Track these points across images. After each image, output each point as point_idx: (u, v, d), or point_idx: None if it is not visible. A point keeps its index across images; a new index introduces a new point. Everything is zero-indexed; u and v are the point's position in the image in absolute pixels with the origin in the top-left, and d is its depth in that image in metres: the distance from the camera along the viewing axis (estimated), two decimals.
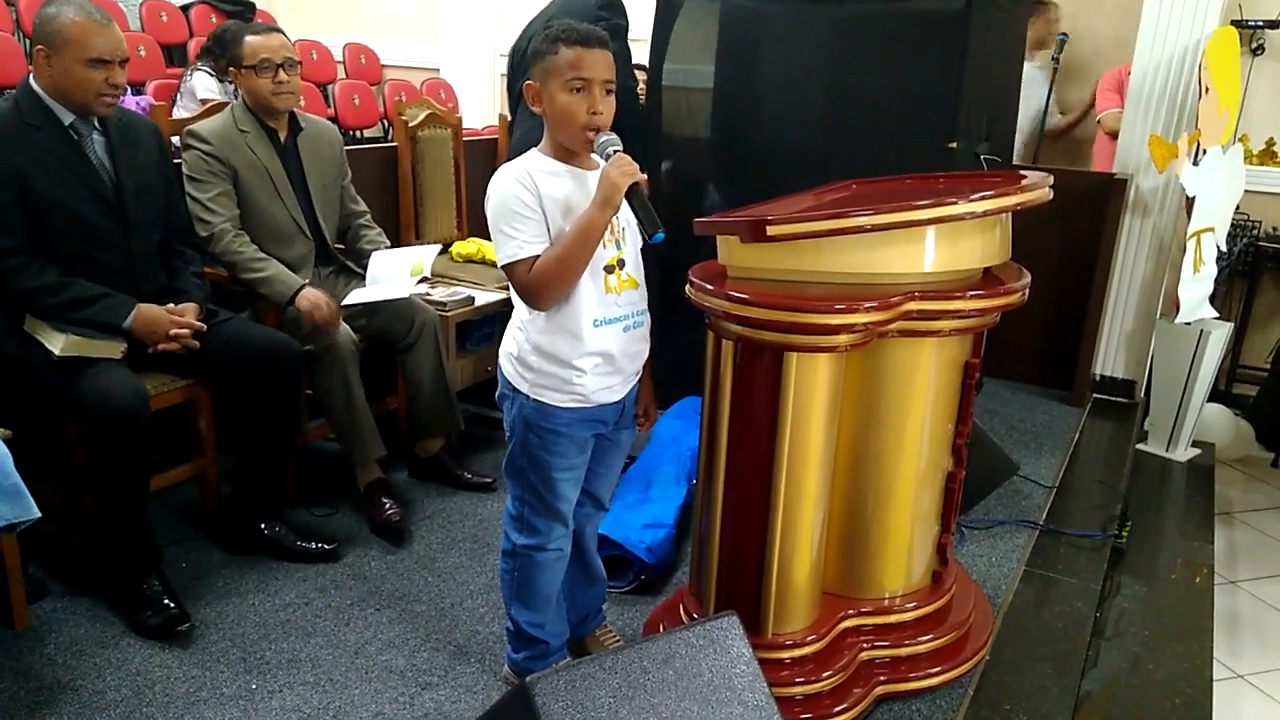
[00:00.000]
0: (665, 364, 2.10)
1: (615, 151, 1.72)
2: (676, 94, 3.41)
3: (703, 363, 1.97)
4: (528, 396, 1.84)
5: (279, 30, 2.78)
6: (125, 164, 2.34)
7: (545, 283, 1.72)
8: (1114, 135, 4.57)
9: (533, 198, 1.72)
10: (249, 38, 2.68)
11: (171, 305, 2.37)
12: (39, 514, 1.88)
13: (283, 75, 2.68)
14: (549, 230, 1.74)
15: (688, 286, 1.93)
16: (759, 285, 1.83)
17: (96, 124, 2.32)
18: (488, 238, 3.63)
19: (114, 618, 2.26)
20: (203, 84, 4.73)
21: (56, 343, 2.19)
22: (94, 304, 2.26)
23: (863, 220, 1.75)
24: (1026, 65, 4.51)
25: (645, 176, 1.72)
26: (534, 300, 1.75)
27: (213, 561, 2.53)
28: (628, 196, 1.70)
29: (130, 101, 4.34)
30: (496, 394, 1.93)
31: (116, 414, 2.15)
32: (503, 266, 1.76)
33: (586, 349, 1.79)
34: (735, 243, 1.87)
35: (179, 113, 4.29)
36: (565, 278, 1.73)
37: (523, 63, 3.20)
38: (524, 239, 1.71)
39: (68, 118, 2.25)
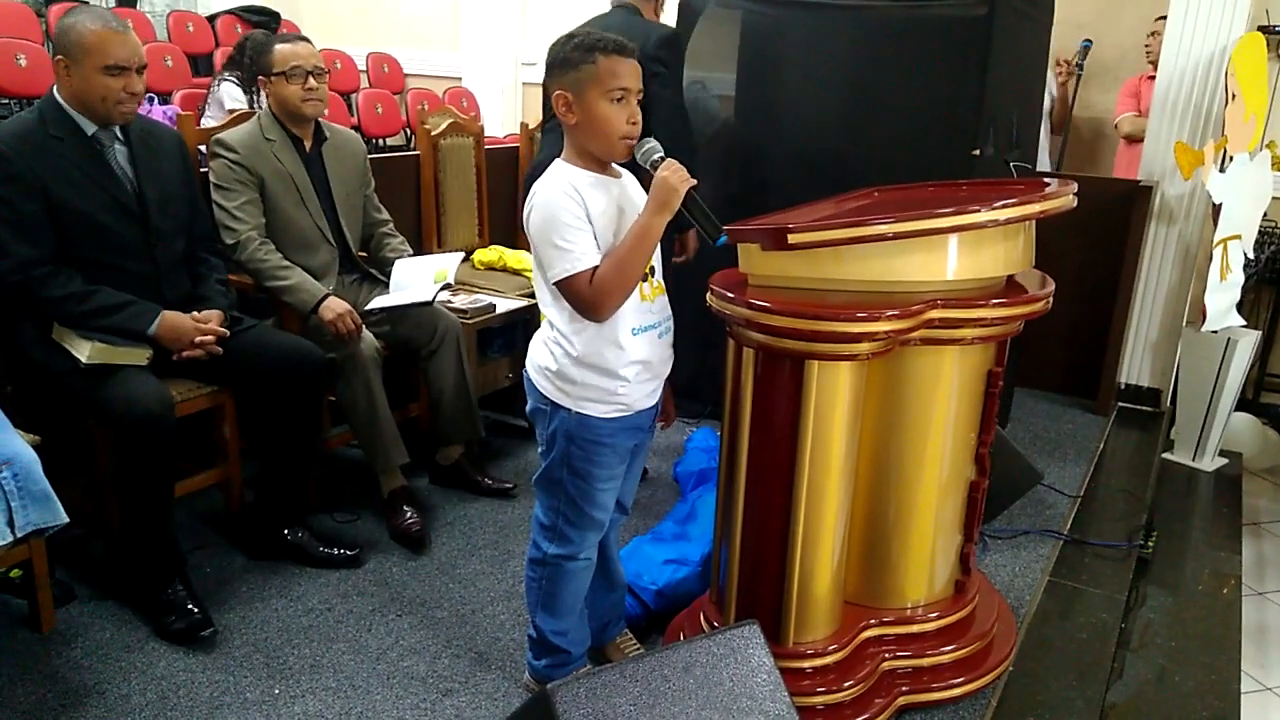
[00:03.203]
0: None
1: (662, 158, 1.73)
2: (695, 102, 3.42)
3: (723, 371, 1.97)
4: (569, 410, 1.82)
5: (307, 40, 2.81)
6: (148, 173, 2.37)
7: (608, 293, 1.71)
8: (1130, 139, 4.57)
9: (582, 210, 1.71)
10: (279, 45, 2.71)
11: (196, 313, 2.39)
12: (66, 519, 1.90)
13: (312, 82, 2.71)
14: (597, 241, 1.73)
15: (709, 295, 1.93)
16: (780, 293, 1.83)
17: (119, 134, 2.34)
18: (510, 246, 3.69)
19: (139, 622, 2.28)
20: (230, 94, 4.77)
21: (83, 351, 2.22)
22: (119, 311, 2.29)
23: (884, 228, 1.74)
24: None
25: (695, 181, 1.72)
26: (594, 312, 1.73)
27: (236, 567, 2.55)
28: (685, 203, 1.71)
29: (157, 111, 4.40)
30: (527, 409, 1.92)
31: (142, 420, 2.17)
32: (558, 282, 1.72)
33: (630, 358, 1.79)
34: (756, 251, 1.86)
35: (207, 122, 4.34)
36: (626, 286, 1.72)
37: None
38: (580, 252, 1.70)
39: (90, 128, 2.28)
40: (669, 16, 3.42)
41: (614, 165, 1.82)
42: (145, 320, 2.30)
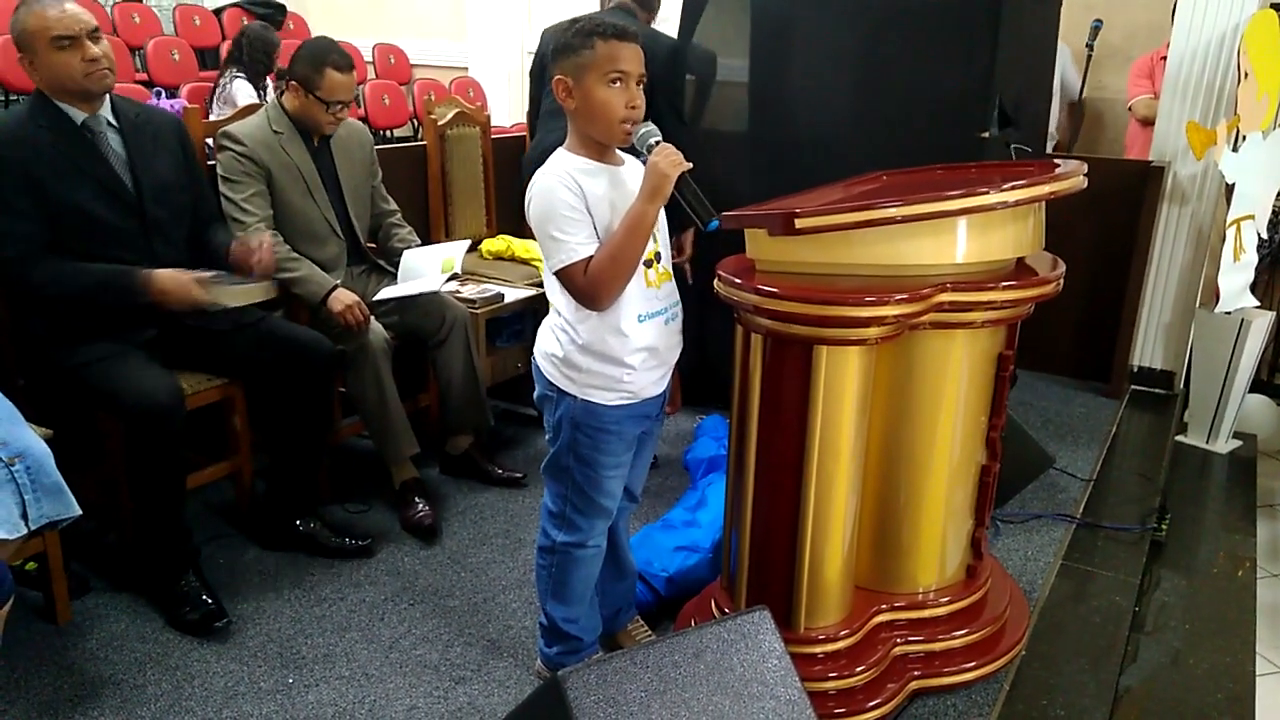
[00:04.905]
0: None
1: (657, 143, 1.71)
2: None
3: (731, 357, 1.97)
4: (575, 397, 1.82)
5: (354, 68, 2.76)
6: (144, 162, 2.34)
7: (603, 282, 1.70)
8: (1145, 122, 4.52)
9: (578, 199, 1.71)
10: (333, 72, 2.66)
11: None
12: (80, 511, 1.91)
13: (344, 111, 2.74)
14: (596, 230, 1.73)
15: (716, 280, 1.92)
16: (788, 279, 1.82)
17: (111, 119, 2.32)
18: (517, 235, 3.68)
19: (153, 613, 2.30)
20: (244, 91, 4.79)
21: (236, 298, 2.36)
22: (107, 287, 2.25)
23: (892, 211, 1.73)
24: None
25: (691, 165, 1.71)
26: (593, 301, 1.73)
27: (249, 558, 2.56)
28: (677, 186, 1.69)
29: (164, 105, 4.40)
30: (535, 395, 1.92)
31: (152, 412, 2.18)
32: (556, 272, 1.73)
33: (634, 345, 1.79)
34: (763, 236, 1.85)
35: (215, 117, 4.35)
36: (622, 274, 1.71)
37: (544, 70, 3.24)
38: (576, 242, 1.69)
39: (79, 117, 2.25)
40: (675, 4, 3.41)
41: (617, 152, 1.81)
42: (133, 287, 2.24)
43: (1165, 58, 4.00)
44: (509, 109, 6.49)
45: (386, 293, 2.81)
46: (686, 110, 3.35)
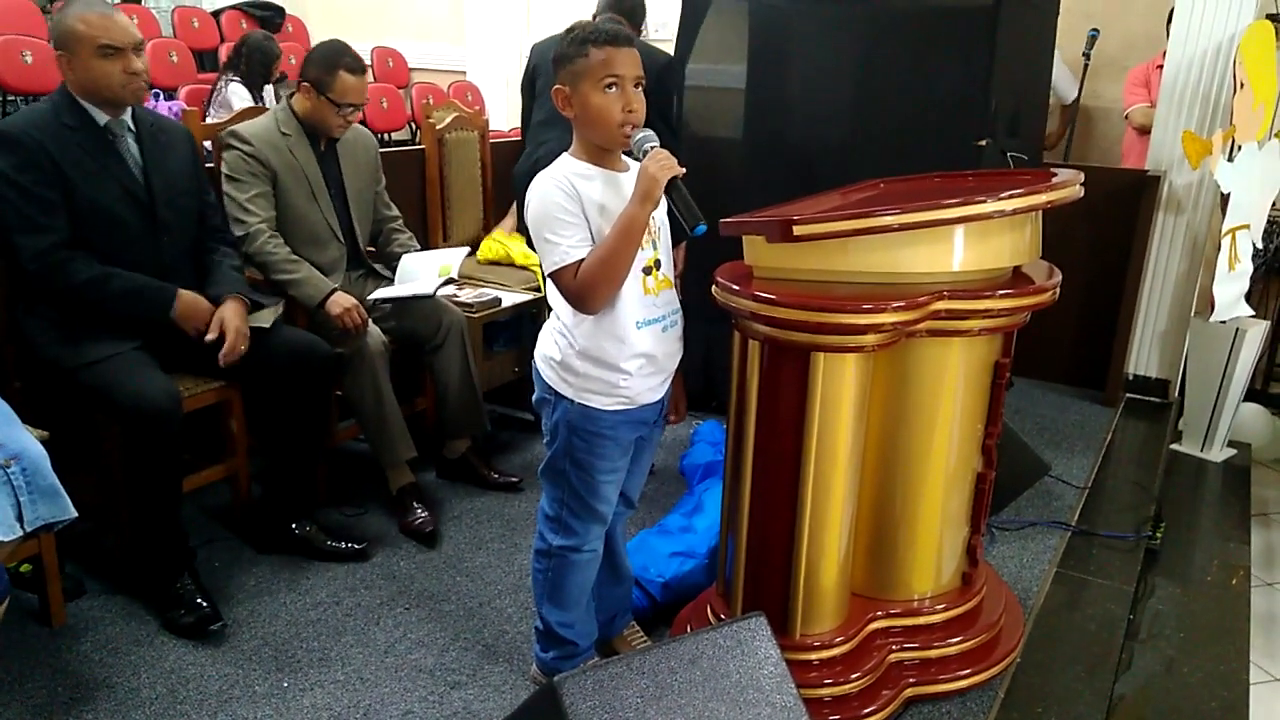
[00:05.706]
0: None
1: (652, 147, 1.72)
2: (701, 94, 3.41)
3: (728, 364, 1.97)
4: (572, 401, 1.83)
5: (367, 69, 2.79)
6: (156, 166, 2.37)
7: (593, 285, 1.71)
8: (1141, 130, 4.53)
9: (574, 202, 1.71)
10: (345, 74, 2.69)
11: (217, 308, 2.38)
12: (75, 514, 1.90)
13: (355, 114, 2.76)
14: (592, 234, 1.73)
15: (713, 287, 1.92)
16: (785, 285, 1.83)
17: (130, 124, 2.35)
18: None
19: (149, 616, 2.29)
20: (239, 94, 4.80)
21: (267, 319, 2.46)
22: (138, 296, 2.31)
23: (889, 219, 1.74)
24: None
25: (684, 170, 1.71)
26: (584, 304, 1.74)
27: (244, 561, 2.56)
28: (667, 190, 1.70)
29: (162, 107, 4.41)
30: (534, 399, 1.93)
31: (149, 414, 2.18)
32: (550, 274, 1.74)
33: (632, 351, 1.79)
34: (761, 243, 1.86)
35: (212, 121, 4.35)
36: (612, 278, 1.72)
37: (533, 83, 3.26)
38: (569, 244, 1.70)
39: (102, 119, 2.29)
40: (673, 11, 3.42)
41: (623, 159, 1.81)
42: (164, 303, 2.33)
43: (1161, 66, 4.03)
44: (507, 113, 6.49)
45: (381, 293, 2.81)
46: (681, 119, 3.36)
